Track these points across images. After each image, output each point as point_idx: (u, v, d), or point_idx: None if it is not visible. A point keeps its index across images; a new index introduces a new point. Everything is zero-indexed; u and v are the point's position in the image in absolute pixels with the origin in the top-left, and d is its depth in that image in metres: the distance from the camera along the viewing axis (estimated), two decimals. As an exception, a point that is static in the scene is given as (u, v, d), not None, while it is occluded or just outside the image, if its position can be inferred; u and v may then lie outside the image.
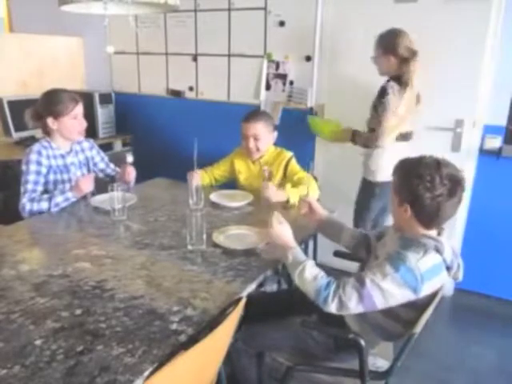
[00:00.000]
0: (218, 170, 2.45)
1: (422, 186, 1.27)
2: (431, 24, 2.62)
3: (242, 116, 2.38)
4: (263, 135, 2.25)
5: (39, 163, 1.98)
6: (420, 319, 1.33)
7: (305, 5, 2.95)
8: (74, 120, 2.04)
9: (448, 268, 1.33)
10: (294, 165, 2.29)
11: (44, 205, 1.93)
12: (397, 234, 1.42)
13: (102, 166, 2.31)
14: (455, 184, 1.28)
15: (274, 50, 3.15)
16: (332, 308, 1.30)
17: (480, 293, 2.81)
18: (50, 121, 2.01)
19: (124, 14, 2.09)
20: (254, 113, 2.40)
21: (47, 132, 2.07)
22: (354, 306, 1.28)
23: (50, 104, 2.02)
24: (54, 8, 2.04)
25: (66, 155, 2.11)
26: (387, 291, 1.26)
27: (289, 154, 2.32)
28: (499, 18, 2.45)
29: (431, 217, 1.31)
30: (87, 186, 2.01)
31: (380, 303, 1.28)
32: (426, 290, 1.29)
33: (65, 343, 1.08)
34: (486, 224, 2.74)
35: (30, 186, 1.95)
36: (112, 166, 2.35)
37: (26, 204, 1.93)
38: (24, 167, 1.98)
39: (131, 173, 2.20)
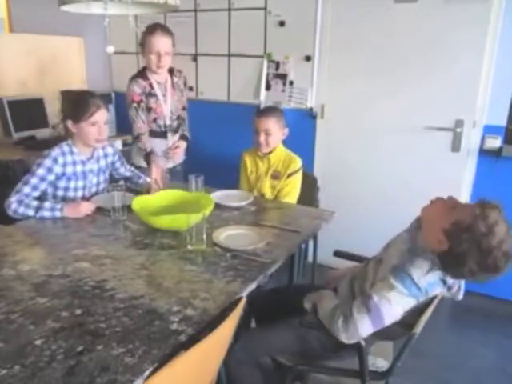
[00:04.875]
0: (245, 179, 2.46)
1: (471, 259, 1.22)
2: (431, 24, 2.62)
3: (241, 116, 2.40)
4: (274, 131, 2.28)
5: (50, 170, 1.91)
6: (420, 319, 1.34)
7: (305, 5, 2.95)
8: (92, 127, 1.92)
9: (449, 287, 1.34)
10: (297, 179, 2.33)
11: (30, 212, 1.84)
12: (408, 239, 1.41)
13: (122, 170, 2.26)
14: (490, 273, 1.25)
15: (274, 50, 3.15)
16: (339, 326, 1.29)
17: (480, 293, 2.81)
18: (69, 123, 1.94)
19: (124, 14, 2.09)
20: (267, 108, 2.51)
21: (70, 134, 1.98)
22: (360, 321, 1.27)
23: (71, 106, 1.97)
24: (54, 8, 2.04)
25: (86, 161, 2.03)
26: (394, 302, 1.27)
27: (298, 164, 2.33)
28: (499, 18, 2.45)
29: (446, 268, 1.30)
30: (85, 211, 1.91)
31: (387, 317, 1.28)
32: (428, 296, 1.31)
33: (65, 343, 1.08)
34: (486, 224, 2.74)
35: (26, 189, 1.88)
36: (128, 166, 2.31)
37: (13, 203, 1.84)
38: (34, 167, 1.91)
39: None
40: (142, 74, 2.54)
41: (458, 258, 1.24)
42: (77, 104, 1.96)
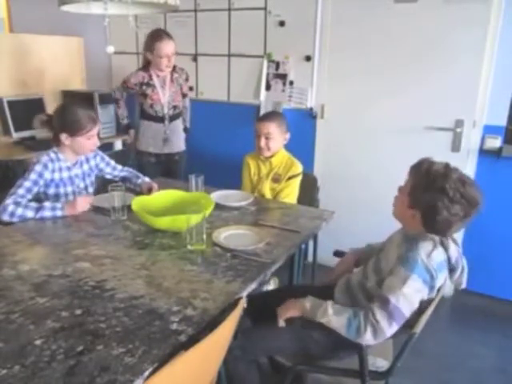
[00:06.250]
0: (248, 182, 2.46)
1: (441, 203, 1.25)
2: (431, 24, 2.62)
3: (241, 116, 2.40)
4: (275, 135, 2.30)
5: (41, 175, 1.96)
6: (420, 319, 1.34)
7: (305, 5, 2.95)
8: (87, 140, 2.00)
9: (452, 269, 1.34)
10: (296, 182, 2.35)
11: (29, 213, 1.85)
12: (400, 234, 1.44)
13: (108, 170, 2.28)
14: (473, 207, 1.26)
15: (274, 50, 3.15)
16: (368, 337, 1.27)
17: (480, 293, 2.81)
18: (63, 136, 1.97)
19: (124, 14, 2.09)
20: (268, 113, 2.57)
21: (57, 143, 2.03)
22: (386, 326, 1.27)
23: (67, 121, 1.97)
24: (53, 8, 2.04)
25: (71, 167, 2.08)
26: (410, 295, 1.27)
27: (299, 169, 2.35)
28: (499, 18, 2.45)
29: (438, 231, 1.32)
30: (83, 206, 1.94)
31: (407, 311, 1.28)
32: (437, 285, 1.32)
33: (65, 343, 1.08)
34: (486, 224, 2.74)
35: (21, 191, 1.90)
36: (120, 167, 2.32)
37: (9, 205, 1.85)
38: (26, 173, 1.96)
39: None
40: (145, 68, 2.92)
41: (436, 215, 1.27)
42: (74, 120, 1.97)
